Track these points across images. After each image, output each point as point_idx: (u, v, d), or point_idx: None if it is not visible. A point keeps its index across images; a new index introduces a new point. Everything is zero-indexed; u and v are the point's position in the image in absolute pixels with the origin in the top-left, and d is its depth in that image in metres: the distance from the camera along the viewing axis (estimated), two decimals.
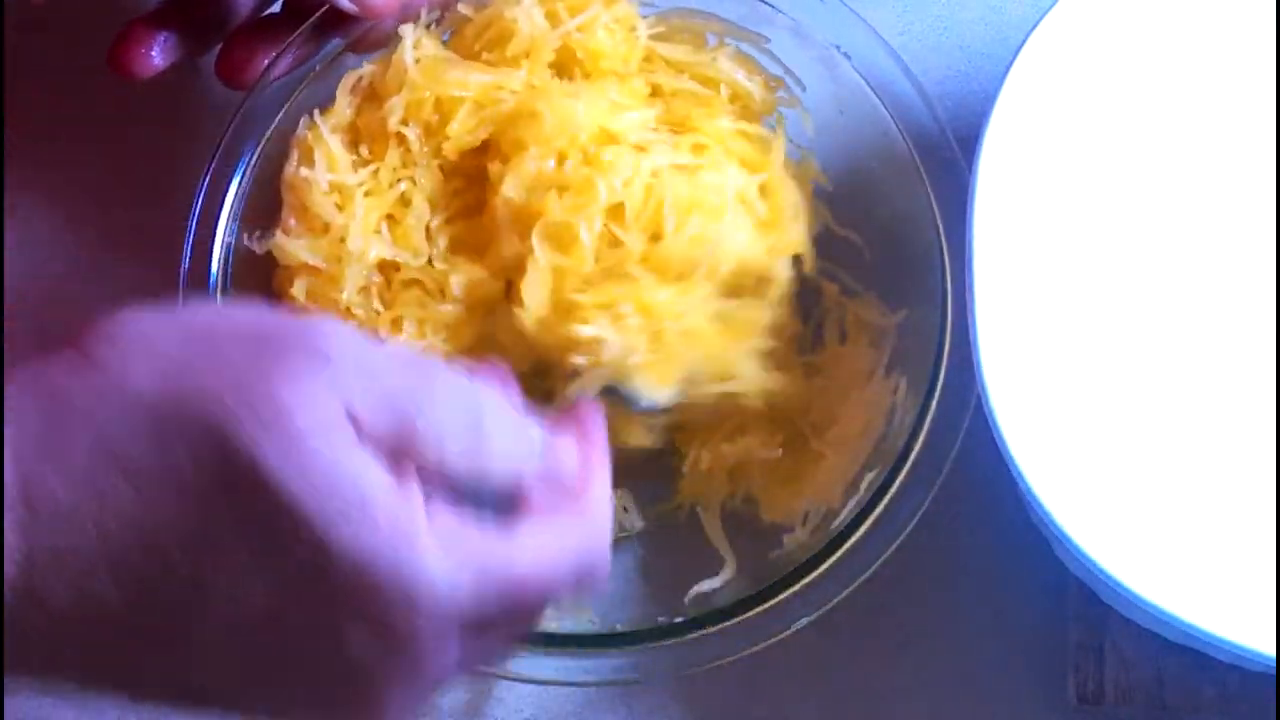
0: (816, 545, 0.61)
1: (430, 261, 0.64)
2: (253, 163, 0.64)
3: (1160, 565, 0.55)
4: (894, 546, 0.61)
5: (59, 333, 0.44)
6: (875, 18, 0.70)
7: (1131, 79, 0.60)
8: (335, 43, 0.65)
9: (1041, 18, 0.60)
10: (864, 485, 0.62)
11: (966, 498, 0.65)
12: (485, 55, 0.65)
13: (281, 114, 0.65)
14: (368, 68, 0.65)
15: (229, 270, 0.64)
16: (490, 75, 0.64)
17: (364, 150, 0.64)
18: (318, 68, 0.65)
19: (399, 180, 0.64)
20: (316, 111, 0.65)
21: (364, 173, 0.64)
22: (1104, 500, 0.56)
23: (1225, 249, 0.59)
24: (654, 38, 0.66)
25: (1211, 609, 0.54)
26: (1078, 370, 0.57)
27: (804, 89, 0.67)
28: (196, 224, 0.64)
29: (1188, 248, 0.59)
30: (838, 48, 0.65)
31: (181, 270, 0.64)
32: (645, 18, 0.66)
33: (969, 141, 0.60)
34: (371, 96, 0.65)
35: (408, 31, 0.64)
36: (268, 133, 0.65)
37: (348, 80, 0.65)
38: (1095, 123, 0.60)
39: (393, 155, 0.64)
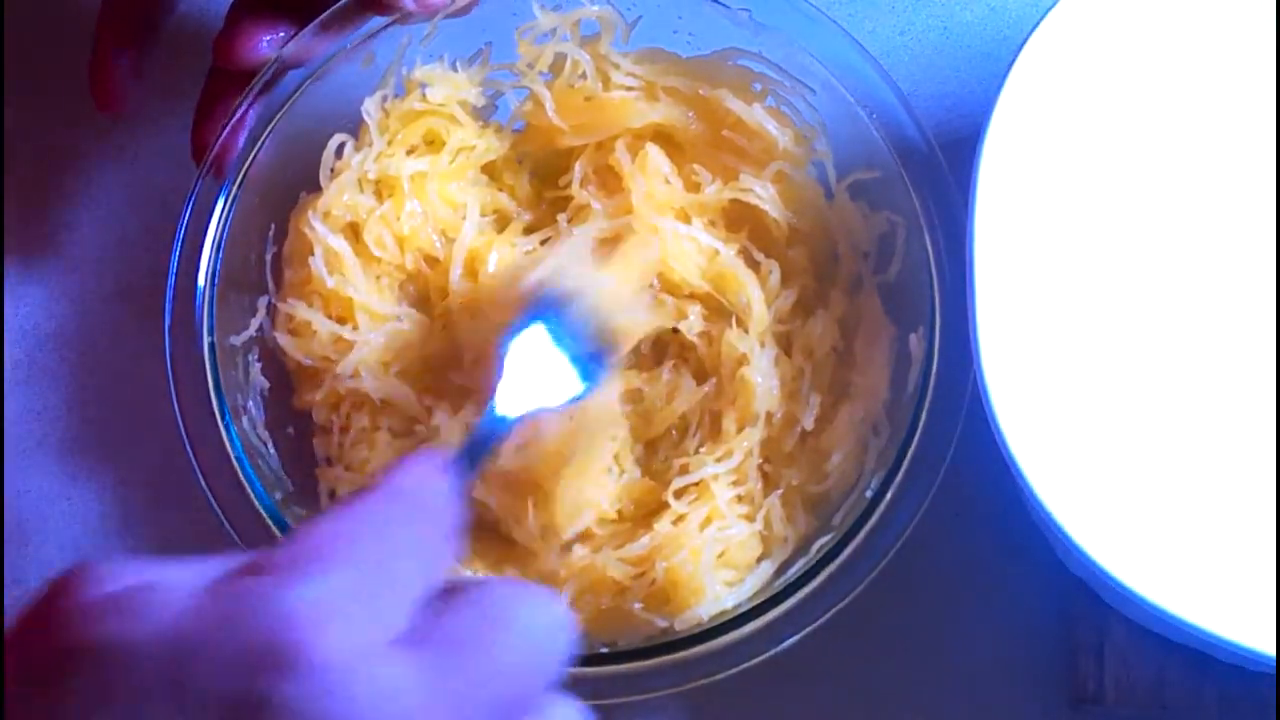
0: (815, 555, 0.61)
1: None
2: (235, 190, 0.64)
3: (1160, 565, 0.55)
4: (893, 551, 0.61)
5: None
6: (876, 19, 0.70)
7: (1132, 79, 0.60)
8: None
9: (1042, 18, 0.60)
10: (843, 510, 0.63)
11: (966, 498, 0.65)
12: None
13: (250, 161, 0.65)
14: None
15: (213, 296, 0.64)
16: None
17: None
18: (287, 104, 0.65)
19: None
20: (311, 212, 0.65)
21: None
22: (1104, 500, 0.56)
23: (1225, 249, 0.59)
24: (698, 78, 0.66)
25: (1212, 609, 0.54)
26: (1078, 371, 0.57)
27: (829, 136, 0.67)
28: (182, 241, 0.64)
29: (1188, 248, 0.59)
30: (865, 109, 0.65)
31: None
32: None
33: (969, 142, 0.60)
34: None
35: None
36: (246, 165, 0.65)
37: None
38: (1095, 123, 0.60)
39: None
